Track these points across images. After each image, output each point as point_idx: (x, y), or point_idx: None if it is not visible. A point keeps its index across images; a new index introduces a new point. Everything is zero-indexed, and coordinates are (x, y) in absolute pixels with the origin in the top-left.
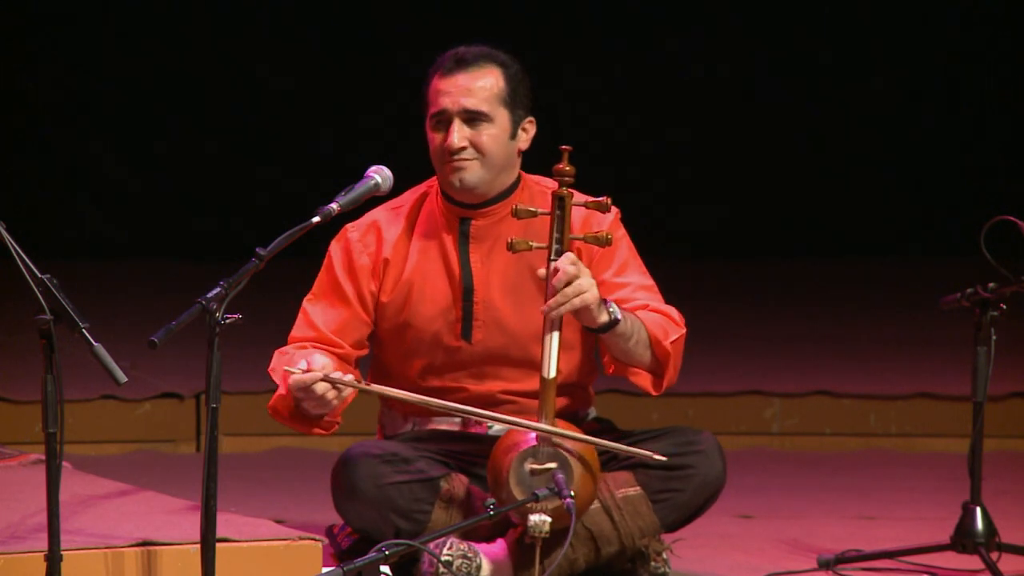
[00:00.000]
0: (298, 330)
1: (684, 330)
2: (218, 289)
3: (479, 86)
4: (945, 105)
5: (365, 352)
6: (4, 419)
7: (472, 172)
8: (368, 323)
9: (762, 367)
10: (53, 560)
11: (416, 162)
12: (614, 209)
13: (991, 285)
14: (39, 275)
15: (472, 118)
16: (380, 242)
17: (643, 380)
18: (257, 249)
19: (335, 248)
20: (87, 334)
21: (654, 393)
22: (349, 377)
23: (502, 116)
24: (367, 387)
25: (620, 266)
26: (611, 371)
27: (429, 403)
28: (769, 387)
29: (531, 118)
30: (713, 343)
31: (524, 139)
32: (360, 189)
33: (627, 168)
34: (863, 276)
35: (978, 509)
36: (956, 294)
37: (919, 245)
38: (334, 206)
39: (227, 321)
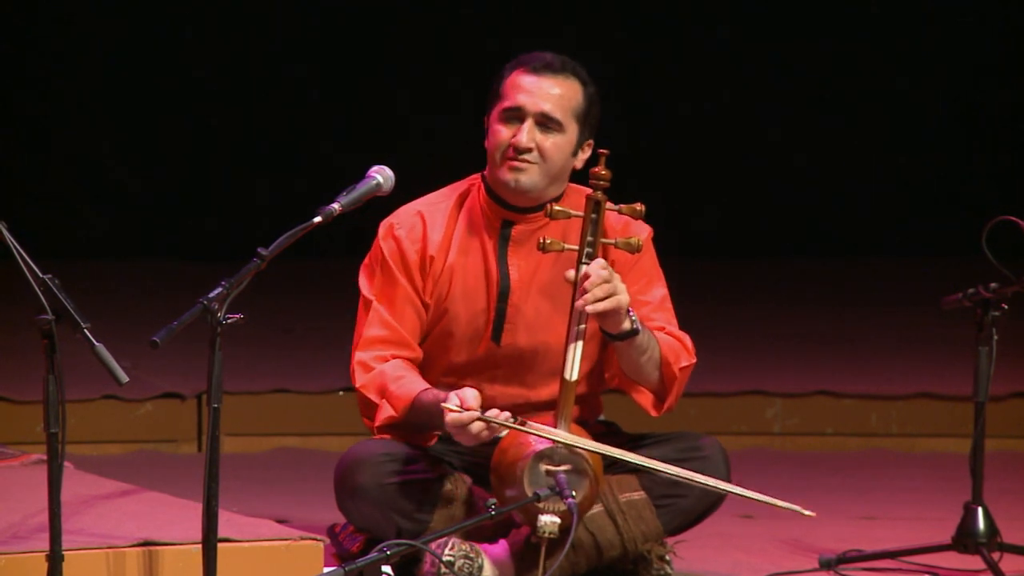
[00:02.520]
0: (371, 329)
1: (694, 360)
2: (220, 289)
3: (560, 94)
4: (946, 105)
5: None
6: (5, 419)
7: (530, 175)
8: (426, 320)
9: (763, 367)
10: (54, 560)
11: (418, 162)
12: (647, 228)
13: (993, 285)
14: (40, 275)
15: (545, 123)
16: (426, 239)
17: (645, 400)
18: (259, 249)
19: (386, 247)
20: (88, 334)
21: (654, 414)
22: (505, 415)
23: (572, 129)
24: (521, 427)
25: (645, 284)
26: (615, 384)
27: (567, 441)
28: (770, 387)
29: (591, 141)
30: (714, 343)
31: (580, 159)
32: (362, 189)
33: (627, 168)
34: (863, 276)
35: (979, 509)
36: (957, 294)
37: (919, 245)
38: (335, 206)
39: (229, 321)
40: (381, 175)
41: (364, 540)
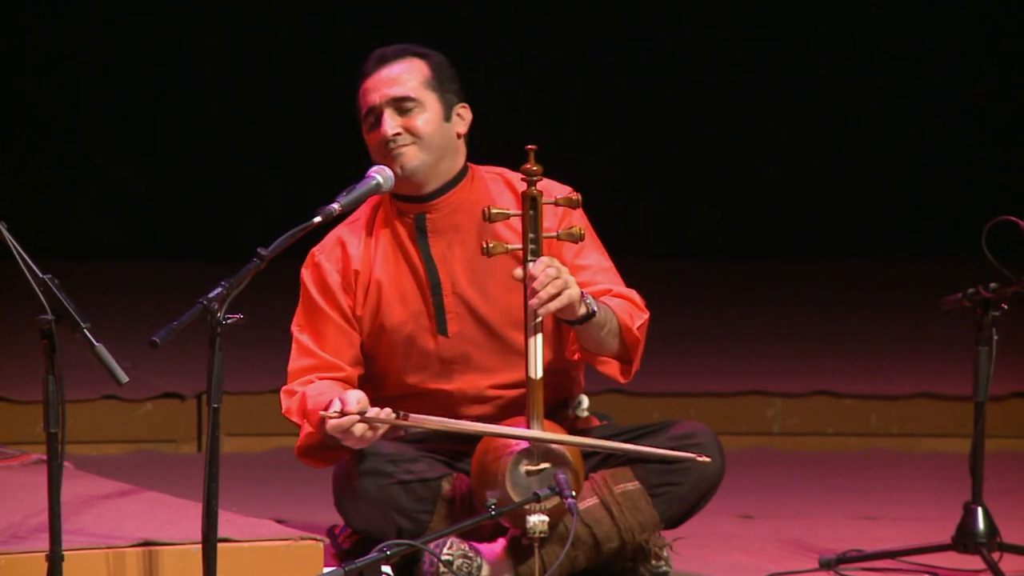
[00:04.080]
0: (296, 361)
1: (647, 314)
2: (219, 289)
3: (403, 76)
4: (945, 104)
5: (363, 370)
6: (5, 419)
7: (411, 156)
8: (358, 339)
9: (763, 367)
10: (54, 560)
11: None
12: (572, 191)
13: (992, 285)
14: (40, 275)
15: (401, 106)
16: (347, 257)
17: (611, 369)
18: (259, 249)
19: (306, 274)
20: (88, 334)
21: (622, 380)
22: (386, 412)
23: (431, 99)
24: (404, 422)
25: (579, 249)
26: (576, 358)
27: (464, 428)
28: (770, 387)
29: (464, 104)
30: (714, 343)
31: (461, 124)
32: (361, 189)
33: (627, 168)
34: (863, 276)
35: (979, 509)
36: (957, 294)
37: (919, 245)
38: (335, 206)
39: (228, 321)
40: (381, 175)
41: (356, 539)
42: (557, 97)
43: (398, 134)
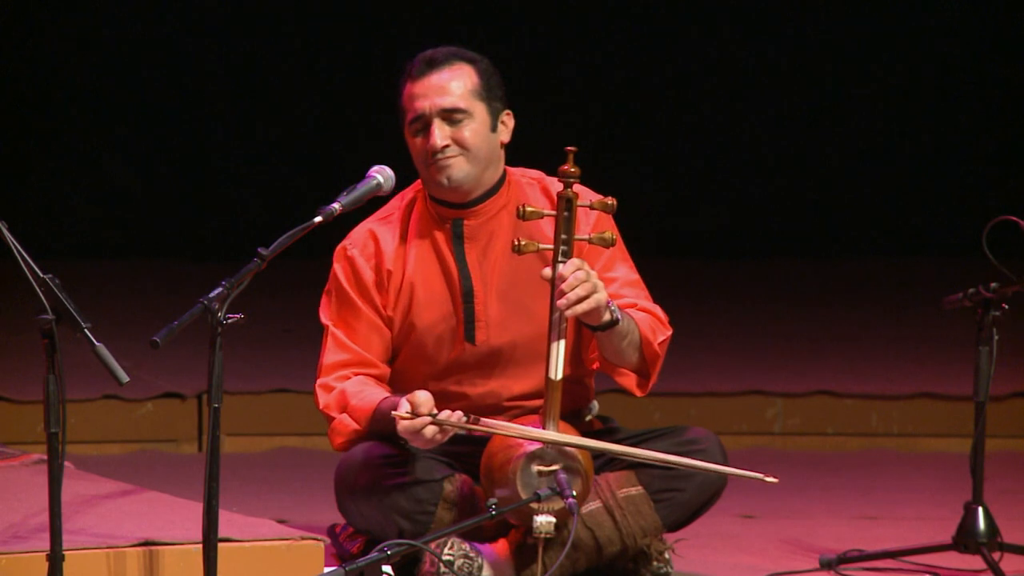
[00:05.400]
0: (330, 355)
1: (670, 331)
2: (220, 289)
3: (453, 84)
4: (946, 104)
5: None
6: (6, 419)
7: (458, 168)
8: (389, 336)
9: (764, 367)
10: (55, 560)
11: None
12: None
13: (993, 285)
14: (41, 275)
15: (451, 116)
16: (380, 254)
17: (629, 381)
18: (259, 249)
19: (340, 269)
20: (89, 334)
21: (639, 394)
22: (457, 415)
23: (480, 110)
24: (475, 426)
25: (608, 260)
26: (595, 367)
27: (535, 435)
28: (771, 387)
29: (508, 111)
30: (714, 343)
31: (504, 132)
32: (362, 189)
33: (627, 168)
34: (863, 276)
35: (980, 509)
36: (958, 294)
37: (919, 245)
38: (336, 206)
39: (229, 321)
40: (381, 175)
41: (364, 541)
42: (558, 97)
43: (447, 146)
